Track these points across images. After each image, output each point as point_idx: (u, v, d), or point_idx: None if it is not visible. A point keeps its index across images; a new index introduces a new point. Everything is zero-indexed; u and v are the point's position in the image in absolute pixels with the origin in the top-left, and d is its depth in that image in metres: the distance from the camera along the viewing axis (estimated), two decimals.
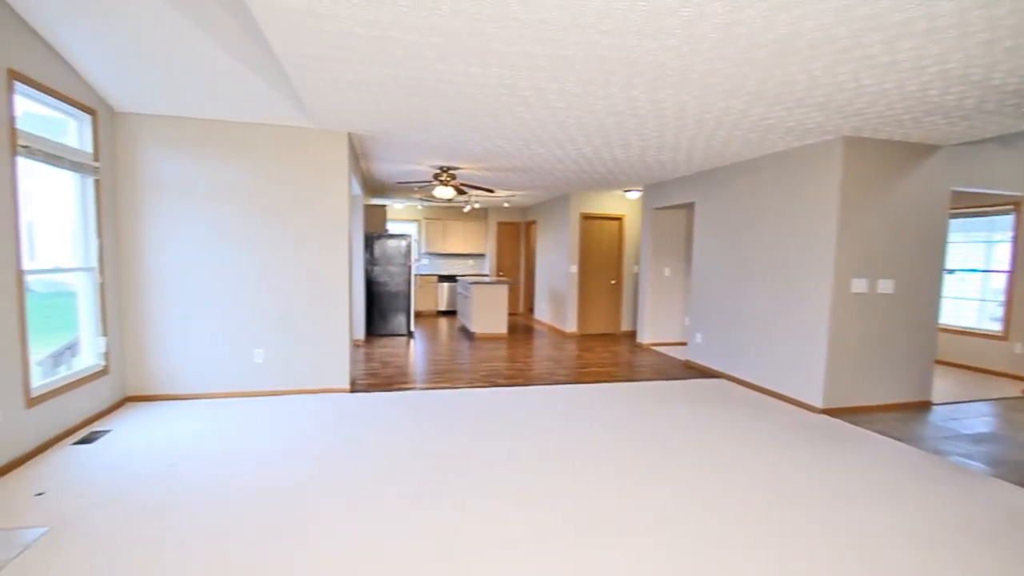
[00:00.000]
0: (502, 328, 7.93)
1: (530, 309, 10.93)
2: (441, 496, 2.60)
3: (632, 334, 8.29)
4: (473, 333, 7.86)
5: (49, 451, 3.07)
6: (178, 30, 2.88)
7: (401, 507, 2.48)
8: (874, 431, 3.76)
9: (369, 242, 7.75)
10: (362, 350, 6.67)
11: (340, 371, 4.54)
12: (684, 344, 7.28)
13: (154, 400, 4.12)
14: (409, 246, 7.93)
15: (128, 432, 3.42)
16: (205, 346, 4.21)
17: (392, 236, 7.87)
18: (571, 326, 8.20)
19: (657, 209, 7.06)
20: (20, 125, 2.86)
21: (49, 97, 3.12)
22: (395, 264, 7.89)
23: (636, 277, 8.40)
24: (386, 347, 6.91)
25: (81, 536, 2.19)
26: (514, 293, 11.01)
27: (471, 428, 3.63)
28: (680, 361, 6.28)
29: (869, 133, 4.03)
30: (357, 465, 2.97)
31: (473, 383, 4.96)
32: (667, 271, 7.28)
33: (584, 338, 7.93)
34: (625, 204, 8.38)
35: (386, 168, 6.30)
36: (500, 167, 5.98)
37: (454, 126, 4.15)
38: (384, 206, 8.68)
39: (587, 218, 8.21)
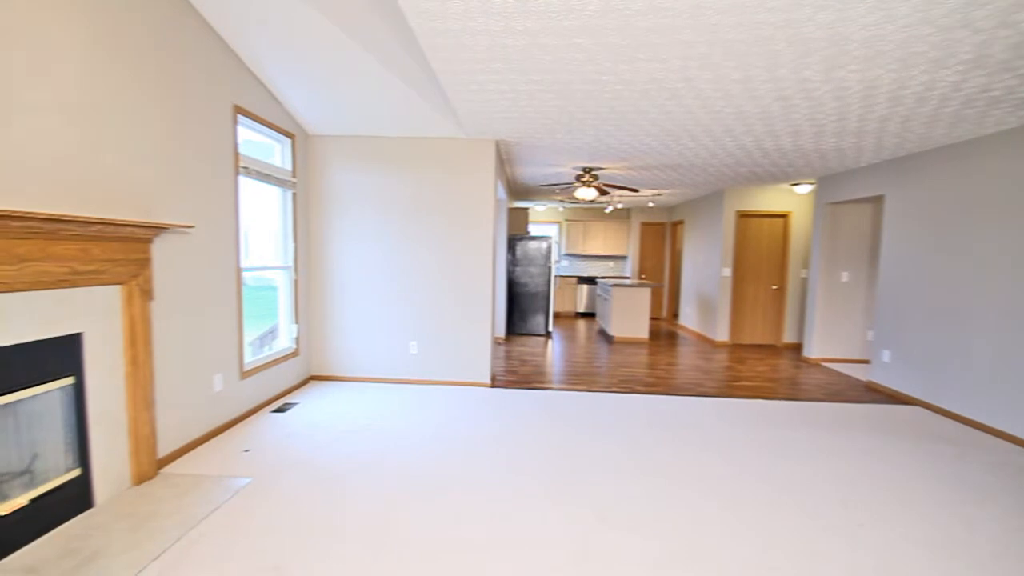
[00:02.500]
0: (643, 333, 7.60)
1: (674, 314, 10.32)
2: (576, 499, 2.56)
3: (797, 347, 7.32)
4: (612, 337, 7.68)
5: (253, 416, 3.73)
6: (361, 64, 3.29)
7: (534, 501, 2.50)
8: None
9: (511, 244, 8.03)
10: (502, 348, 6.94)
11: (482, 366, 4.76)
12: (865, 362, 6.21)
13: (330, 380, 4.77)
14: (549, 248, 8.03)
15: (311, 406, 4.01)
16: (371, 335, 4.76)
17: (533, 238, 8.05)
18: (721, 334, 7.53)
19: (833, 204, 6.12)
20: (241, 150, 3.52)
21: (262, 126, 3.80)
22: (535, 265, 8.05)
23: (804, 282, 7.40)
24: (524, 346, 7.09)
25: (276, 488, 2.63)
26: (657, 297, 10.51)
27: (606, 433, 3.53)
28: (859, 381, 5.36)
29: None
30: (495, 454, 3.09)
31: (610, 387, 4.82)
32: (844, 276, 6.27)
33: (737, 348, 7.23)
34: (791, 199, 7.43)
35: (529, 172, 6.46)
36: (645, 165, 5.73)
37: (598, 126, 4.07)
38: (526, 209, 8.92)
39: (744, 216, 7.46)
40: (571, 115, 3.80)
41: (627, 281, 8.76)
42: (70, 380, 2.25)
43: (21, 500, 2.03)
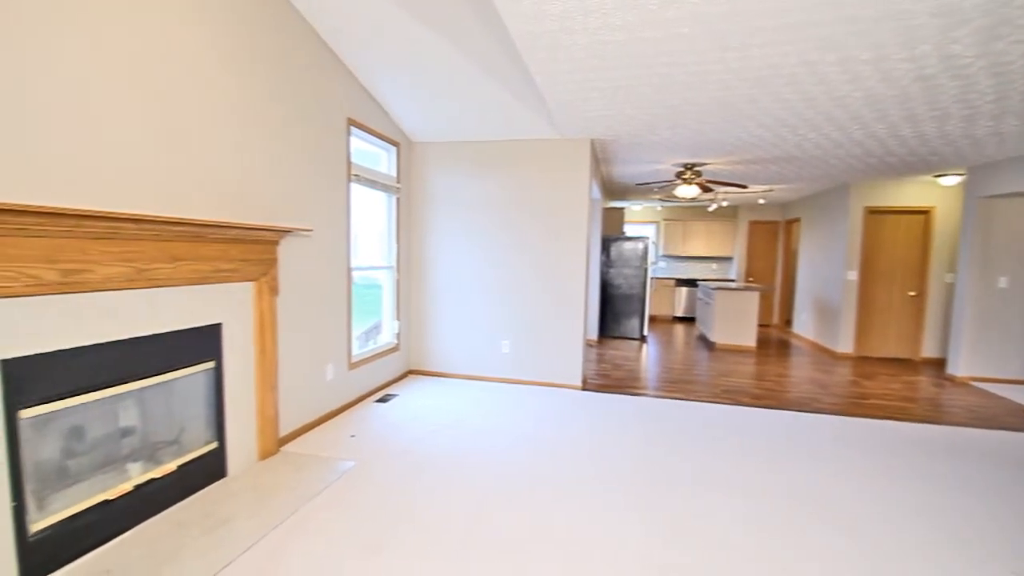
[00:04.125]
0: (749, 340, 7.05)
1: (787, 321, 9.45)
2: (664, 515, 2.43)
3: (938, 362, 6.35)
4: (713, 343, 7.21)
5: (359, 405, 4.03)
6: (463, 71, 3.42)
7: (619, 512, 2.41)
8: None
9: (606, 244, 7.87)
10: (594, 350, 6.82)
11: (573, 368, 4.71)
12: None
13: (427, 375, 5.01)
14: (646, 248, 7.75)
15: (410, 398, 4.23)
16: (465, 334, 4.92)
17: (629, 238, 7.82)
18: (844, 345, 6.75)
19: (988, 198, 5.22)
20: (352, 159, 3.81)
21: (371, 136, 4.08)
22: (631, 267, 7.81)
23: (949, 288, 6.40)
24: (618, 349, 6.90)
25: (377, 472, 2.81)
26: (767, 301, 9.68)
27: (703, 446, 3.31)
28: (1018, 405, 4.51)
29: None
30: (582, 459, 3.04)
31: (710, 397, 4.53)
32: (1002, 282, 5.32)
33: (863, 361, 6.44)
34: (934, 193, 6.45)
35: (626, 170, 6.28)
36: (756, 159, 5.31)
37: (702, 119, 3.84)
38: (622, 208, 8.69)
39: (874, 213, 6.62)
40: (672, 109, 3.62)
41: (732, 284, 8.17)
42: (211, 364, 2.58)
43: (171, 466, 2.37)
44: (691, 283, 10.01)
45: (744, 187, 6.34)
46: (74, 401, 1.94)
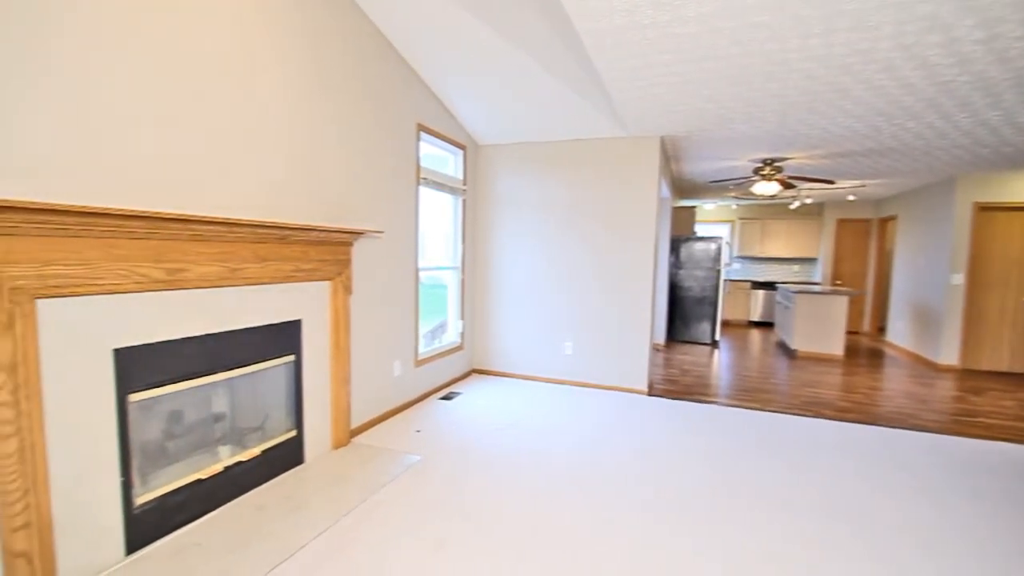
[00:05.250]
0: (836, 348, 6.51)
1: (879, 328, 8.64)
2: (730, 537, 2.30)
3: None
4: (794, 351, 6.74)
5: (424, 401, 4.15)
6: (529, 73, 3.45)
7: (679, 525, 2.30)
8: None
9: (675, 245, 7.58)
10: (661, 354, 6.59)
11: (639, 372, 4.58)
12: None
13: (490, 375, 5.07)
14: (719, 249, 7.38)
15: (473, 397, 4.31)
16: (528, 334, 4.93)
17: (700, 239, 7.49)
18: (947, 356, 6.06)
19: None
20: (421, 163, 3.94)
21: (439, 140, 4.19)
22: (702, 268, 7.47)
23: None
24: (687, 354, 6.63)
25: (441, 468, 2.89)
26: (856, 306, 8.89)
27: (778, 460, 3.09)
28: None
29: None
30: (645, 466, 2.94)
31: (789, 408, 4.23)
32: None
33: (970, 375, 5.75)
34: None
35: (698, 167, 6.01)
36: (845, 152, 4.90)
37: (784, 111, 3.60)
38: (693, 207, 8.34)
39: (985, 209, 5.89)
40: (749, 101, 3.42)
41: (816, 287, 7.59)
42: (292, 358, 2.76)
43: (256, 451, 2.56)
44: (769, 286, 9.42)
45: (831, 183, 5.87)
46: (174, 388, 2.15)
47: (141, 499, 2.03)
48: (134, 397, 1.98)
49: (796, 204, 8.82)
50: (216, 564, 1.97)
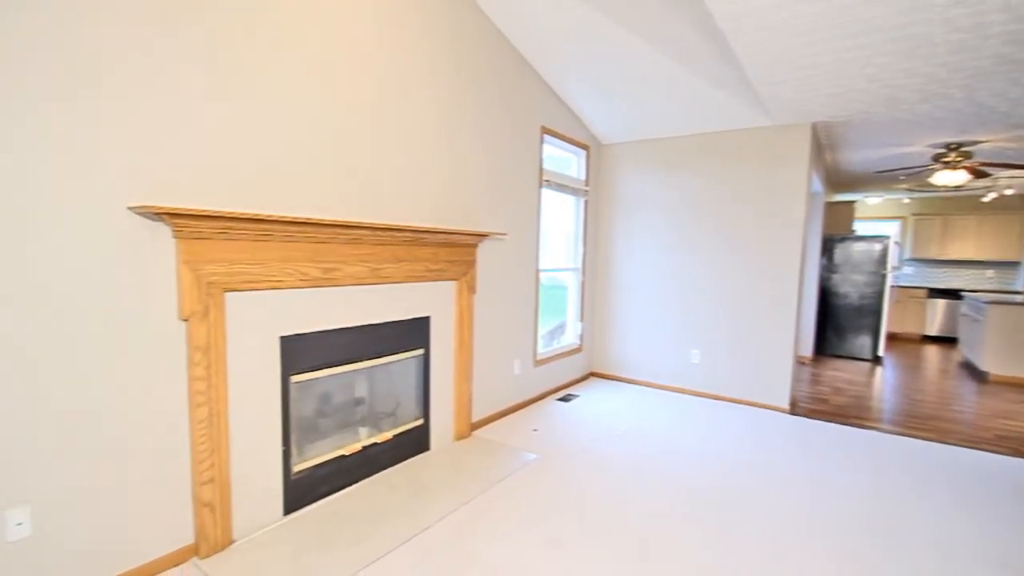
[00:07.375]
0: None
1: None
2: None
3: None
4: (985, 373, 5.54)
5: (541, 401, 4.19)
6: (656, 65, 3.33)
7: (820, 570, 2.01)
8: None
9: (828, 246, 6.68)
10: (807, 369, 5.86)
11: (780, 388, 4.13)
12: None
13: (609, 379, 4.95)
14: (884, 250, 6.34)
15: (590, 400, 4.24)
16: (651, 339, 4.72)
17: (859, 238, 6.50)
18: None
19: None
20: (544, 165, 3.98)
21: (562, 142, 4.21)
22: (861, 272, 6.49)
23: None
24: (840, 370, 5.81)
25: (558, 468, 2.90)
26: None
27: (957, 508, 2.55)
28: None
29: None
30: (782, 495, 2.62)
31: (975, 442, 3.49)
32: None
33: None
34: None
35: (859, 156, 5.24)
36: None
37: (974, 85, 2.98)
38: (851, 203, 7.28)
39: None
40: (927, 77, 2.89)
41: (1018, 298, 6.17)
42: (421, 352, 2.97)
43: (389, 434, 2.81)
44: (952, 294, 7.88)
45: None
46: (325, 372, 2.44)
47: (297, 468, 2.34)
48: (295, 378, 2.29)
49: (991, 196, 7.25)
50: (356, 530, 2.20)
